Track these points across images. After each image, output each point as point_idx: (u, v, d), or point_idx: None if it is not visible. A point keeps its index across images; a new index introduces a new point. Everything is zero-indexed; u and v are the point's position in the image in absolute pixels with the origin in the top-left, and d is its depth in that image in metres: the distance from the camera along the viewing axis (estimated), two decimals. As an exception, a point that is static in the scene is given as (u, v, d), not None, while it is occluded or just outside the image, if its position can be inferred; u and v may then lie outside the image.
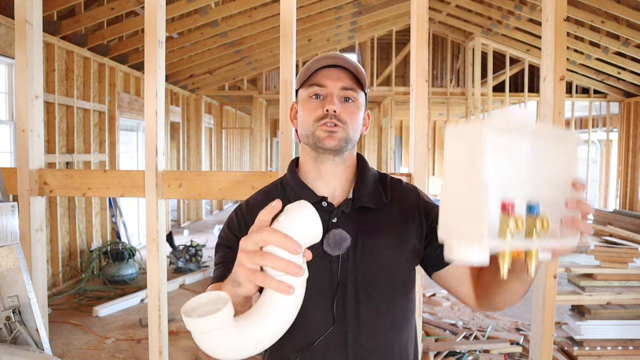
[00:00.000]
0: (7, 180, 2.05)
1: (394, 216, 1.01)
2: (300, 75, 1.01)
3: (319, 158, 1.00)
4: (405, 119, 12.60)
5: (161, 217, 2.10)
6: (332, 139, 0.96)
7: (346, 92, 0.98)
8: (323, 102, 0.97)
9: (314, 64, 0.99)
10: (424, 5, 2.00)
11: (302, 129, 1.01)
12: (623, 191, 8.74)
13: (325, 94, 0.98)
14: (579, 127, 11.04)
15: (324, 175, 1.01)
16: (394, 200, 1.03)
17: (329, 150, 0.97)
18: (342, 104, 0.98)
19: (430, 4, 8.07)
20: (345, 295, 0.94)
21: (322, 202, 0.98)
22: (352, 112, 0.99)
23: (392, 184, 1.07)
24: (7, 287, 1.24)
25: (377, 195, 1.02)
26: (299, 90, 1.04)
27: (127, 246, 5.36)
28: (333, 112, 0.96)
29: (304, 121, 0.99)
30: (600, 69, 8.01)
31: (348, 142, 0.98)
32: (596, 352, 2.86)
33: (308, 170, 1.03)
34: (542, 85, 2.07)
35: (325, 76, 0.98)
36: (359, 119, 1.00)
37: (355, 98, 0.99)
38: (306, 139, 1.00)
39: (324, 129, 0.96)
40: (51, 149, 4.74)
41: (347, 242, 0.93)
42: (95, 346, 3.54)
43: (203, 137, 9.23)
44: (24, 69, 2.05)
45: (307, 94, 0.99)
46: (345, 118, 0.97)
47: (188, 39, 6.26)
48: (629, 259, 2.85)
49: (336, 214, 0.97)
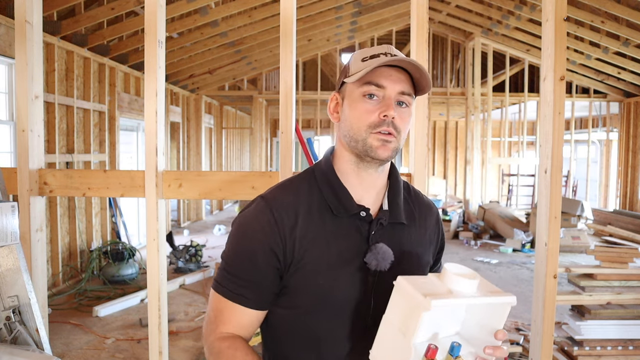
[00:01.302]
0: (7, 180, 2.05)
1: (421, 234, 1.01)
2: (354, 67, 0.91)
3: (362, 164, 0.92)
4: (405, 119, 12.58)
5: (161, 217, 2.10)
6: (386, 149, 0.88)
7: (403, 97, 0.89)
8: (379, 106, 0.88)
9: (372, 61, 0.88)
10: (424, 5, 2.00)
11: (351, 131, 0.91)
12: (623, 191, 8.74)
13: (382, 96, 0.88)
14: (579, 127, 11.05)
15: (364, 182, 0.94)
16: (421, 217, 1.02)
17: (381, 160, 0.90)
18: (397, 108, 0.89)
19: (430, 4, 8.07)
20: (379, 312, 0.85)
21: (361, 212, 0.92)
22: (405, 119, 0.91)
23: (416, 197, 1.06)
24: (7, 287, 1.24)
25: (409, 210, 1.00)
26: (346, 83, 0.93)
27: (127, 246, 5.36)
28: (392, 118, 0.87)
29: (354, 124, 0.90)
30: (600, 69, 8.01)
31: (397, 152, 0.92)
32: (596, 352, 2.86)
33: (347, 172, 0.95)
34: (542, 85, 2.07)
35: (384, 76, 0.88)
36: (409, 127, 0.94)
37: (410, 103, 0.92)
38: (354, 144, 0.90)
39: (378, 138, 0.88)
40: (51, 149, 4.74)
41: (391, 258, 0.90)
42: (95, 346, 3.54)
43: (203, 137, 9.23)
44: (24, 69, 2.05)
45: (361, 92, 0.89)
46: (400, 126, 0.89)
47: (188, 39, 6.26)
48: (629, 259, 2.84)
49: (375, 226, 0.93)
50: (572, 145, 9.77)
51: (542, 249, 2.05)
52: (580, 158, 11.79)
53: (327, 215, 0.92)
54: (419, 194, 1.07)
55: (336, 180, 0.94)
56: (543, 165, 2.05)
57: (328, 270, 0.90)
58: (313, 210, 0.92)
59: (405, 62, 0.87)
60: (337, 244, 0.91)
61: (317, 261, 0.90)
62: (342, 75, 0.95)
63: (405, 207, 0.99)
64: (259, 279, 0.90)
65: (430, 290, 0.73)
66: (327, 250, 0.90)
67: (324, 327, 0.92)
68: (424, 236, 1.01)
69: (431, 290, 0.73)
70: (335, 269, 0.90)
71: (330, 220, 0.92)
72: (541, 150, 2.07)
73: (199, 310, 4.32)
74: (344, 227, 0.92)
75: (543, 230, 2.04)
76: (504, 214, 8.05)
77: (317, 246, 0.90)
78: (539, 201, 2.11)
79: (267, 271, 0.90)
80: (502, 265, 6.29)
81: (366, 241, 0.91)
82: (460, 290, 0.75)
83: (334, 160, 0.97)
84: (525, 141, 9.50)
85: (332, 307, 0.91)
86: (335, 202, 0.92)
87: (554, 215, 2.00)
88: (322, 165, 0.98)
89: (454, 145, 12.87)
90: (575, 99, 8.93)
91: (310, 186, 0.95)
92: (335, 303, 0.91)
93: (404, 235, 0.97)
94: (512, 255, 6.90)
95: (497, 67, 9.83)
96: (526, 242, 7.18)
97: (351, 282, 0.90)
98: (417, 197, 1.05)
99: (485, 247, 7.44)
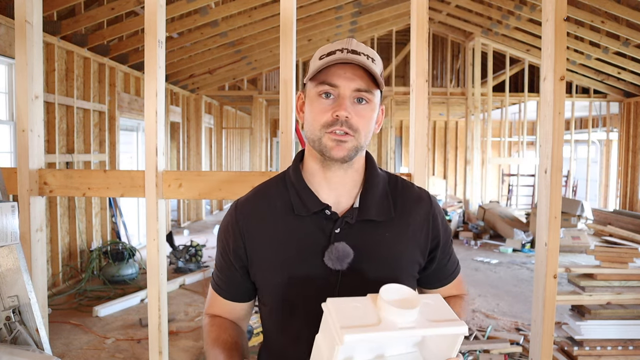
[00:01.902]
0: (7, 180, 2.05)
1: (401, 232, 0.94)
2: (311, 68, 0.91)
3: (326, 164, 0.92)
4: (405, 119, 12.60)
5: (161, 217, 2.10)
6: (341, 149, 0.88)
7: (360, 94, 0.88)
8: (333, 104, 0.88)
9: (326, 59, 0.87)
10: (424, 5, 2.00)
11: (309, 132, 0.92)
12: (623, 191, 8.74)
13: (336, 94, 0.88)
14: (579, 127, 11.05)
15: (330, 181, 0.94)
16: (403, 212, 0.96)
17: (337, 160, 0.89)
18: (355, 105, 0.88)
19: (430, 4, 8.07)
20: None
21: (326, 210, 0.92)
22: (365, 116, 0.89)
23: (403, 190, 0.99)
24: (7, 287, 1.24)
25: (385, 206, 0.94)
26: (306, 83, 0.93)
27: (127, 246, 5.36)
28: (344, 118, 0.86)
29: (311, 123, 0.90)
30: (600, 69, 8.01)
31: (358, 151, 0.90)
32: (596, 352, 2.86)
33: (313, 172, 0.95)
34: (542, 85, 2.07)
35: (337, 74, 0.87)
36: (371, 123, 0.91)
37: (370, 99, 0.89)
38: (312, 143, 0.91)
39: (332, 138, 0.87)
40: (51, 149, 4.74)
41: (349, 258, 0.89)
42: (95, 346, 3.54)
43: (203, 137, 9.23)
44: (24, 69, 2.05)
45: (317, 92, 0.89)
46: (357, 124, 0.88)
47: (188, 39, 6.26)
48: (629, 259, 2.84)
49: (340, 224, 0.91)
50: (572, 145, 9.76)
51: (542, 249, 2.05)
52: (580, 158, 11.79)
53: (290, 215, 0.94)
54: (410, 188, 1.01)
55: (300, 180, 0.95)
56: (543, 165, 2.05)
57: (285, 269, 0.92)
58: (278, 212, 0.95)
59: (356, 59, 0.85)
60: (298, 243, 0.92)
61: (275, 260, 0.93)
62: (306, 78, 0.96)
63: (383, 203, 0.94)
64: (230, 275, 0.99)
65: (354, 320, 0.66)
66: (285, 250, 0.92)
67: (289, 324, 0.93)
68: (404, 233, 0.95)
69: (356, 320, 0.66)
70: (293, 268, 0.92)
71: (294, 221, 0.93)
72: (541, 150, 2.07)
73: (199, 310, 4.32)
74: (307, 226, 0.93)
75: (543, 230, 2.04)
76: (504, 214, 8.05)
77: (276, 246, 0.93)
78: (539, 201, 2.11)
79: (235, 268, 0.97)
80: (502, 265, 6.29)
81: (328, 240, 0.91)
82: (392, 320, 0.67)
83: (304, 161, 0.98)
84: (525, 141, 9.50)
85: (291, 305, 0.93)
86: (298, 201, 0.93)
87: (554, 215, 2.00)
88: (291, 166, 1.00)
89: (454, 145, 12.86)
90: (575, 99, 8.93)
91: (279, 188, 0.98)
92: (294, 301, 0.92)
93: (377, 234, 0.93)
94: (512, 255, 6.89)
95: (497, 67, 9.83)
96: (526, 242, 7.18)
97: (310, 281, 0.91)
98: (404, 191, 0.99)
99: (485, 247, 7.44)
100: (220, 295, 1.01)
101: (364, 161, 0.98)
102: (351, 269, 0.90)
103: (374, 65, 0.88)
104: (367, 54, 0.89)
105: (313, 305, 0.89)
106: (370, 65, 0.87)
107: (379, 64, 0.91)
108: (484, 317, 4.22)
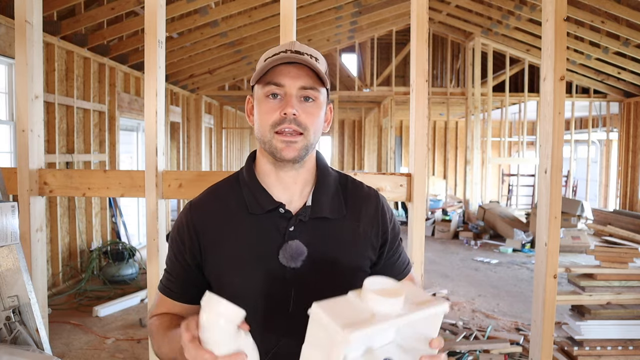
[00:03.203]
0: (7, 180, 2.05)
1: (353, 228, 0.96)
2: (257, 70, 0.92)
3: (277, 164, 0.93)
4: (405, 119, 12.60)
5: (161, 217, 2.10)
6: (291, 150, 0.89)
7: (306, 92, 0.89)
8: (281, 104, 0.89)
9: (270, 61, 0.89)
10: (424, 5, 2.00)
11: (258, 133, 0.93)
12: (623, 191, 8.74)
13: (283, 93, 0.89)
14: (579, 127, 11.05)
15: (282, 180, 0.95)
16: (354, 210, 0.98)
17: (288, 161, 0.90)
18: (302, 104, 0.90)
19: (430, 4, 8.07)
20: (299, 309, 0.86)
21: (280, 208, 0.93)
22: (313, 113, 0.90)
23: (353, 189, 1.01)
24: (7, 287, 1.24)
25: (337, 204, 0.96)
26: (254, 86, 0.94)
27: (127, 246, 5.36)
28: (292, 115, 0.87)
29: (260, 125, 0.91)
30: (600, 69, 8.01)
31: (309, 150, 0.91)
32: (596, 352, 2.86)
33: (266, 172, 0.96)
34: (542, 85, 2.07)
35: (282, 73, 0.89)
36: (319, 121, 0.92)
37: (316, 97, 0.90)
38: (263, 145, 0.92)
39: (281, 139, 0.88)
40: (51, 149, 4.74)
41: (302, 255, 0.90)
42: (96, 346, 3.54)
43: (203, 137, 9.23)
44: (24, 69, 2.05)
45: (264, 93, 0.90)
46: (306, 122, 0.89)
47: (188, 39, 6.26)
48: (629, 259, 2.85)
49: (294, 222, 0.93)
50: (572, 145, 9.77)
51: (542, 249, 2.05)
52: (580, 158, 11.79)
53: (244, 214, 0.94)
54: (359, 186, 1.02)
55: (254, 180, 0.96)
56: (543, 165, 2.05)
57: (237, 267, 0.93)
58: (230, 211, 0.95)
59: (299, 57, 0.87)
60: (252, 242, 0.93)
61: (227, 259, 0.93)
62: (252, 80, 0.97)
63: (335, 201, 0.96)
64: (185, 276, 0.97)
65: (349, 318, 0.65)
66: (238, 249, 0.93)
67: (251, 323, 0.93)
68: (356, 230, 0.96)
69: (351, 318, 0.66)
70: (246, 267, 0.92)
71: (247, 219, 0.94)
72: (541, 150, 2.07)
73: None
74: (261, 225, 0.93)
75: (543, 230, 2.04)
76: (504, 214, 8.05)
77: (228, 245, 0.93)
78: (539, 201, 2.11)
79: (190, 268, 0.96)
80: (502, 265, 6.29)
81: (283, 238, 0.91)
82: (384, 311, 0.68)
83: (257, 161, 0.99)
84: (525, 141, 9.50)
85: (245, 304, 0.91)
86: (252, 200, 0.94)
87: (554, 215, 2.00)
88: (245, 167, 1.01)
89: (454, 145, 12.86)
90: (575, 99, 8.93)
91: (232, 188, 0.99)
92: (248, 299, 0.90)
93: (330, 231, 0.94)
94: (512, 255, 6.90)
95: (497, 67, 9.83)
96: (526, 242, 7.18)
97: (264, 279, 0.91)
98: (354, 189, 1.01)
99: (485, 247, 7.44)
100: (171, 298, 0.99)
101: (315, 160, 0.99)
102: (306, 266, 0.90)
103: (318, 63, 0.90)
104: (310, 53, 0.91)
105: (269, 303, 0.90)
106: (314, 63, 0.89)
107: (323, 63, 0.93)
108: (484, 317, 4.22)
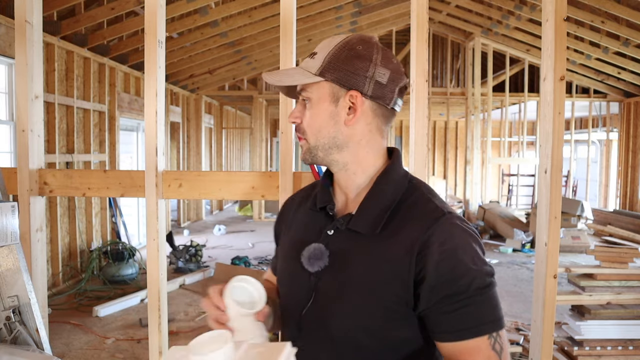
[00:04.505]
0: (7, 180, 2.05)
1: (381, 252, 0.82)
2: None
3: None
4: (405, 119, 12.60)
5: (161, 217, 2.10)
6: (303, 153, 0.92)
7: (300, 95, 0.88)
8: None
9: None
10: (424, 5, 1.99)
11: None
12: (623, 191, 8.73)
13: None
14: (579, 127, 11.05)
15: (338, 182, 0.93)
16: (394, 230, 0.83)
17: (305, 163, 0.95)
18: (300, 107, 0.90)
19: (430, 4, 8.04)
20: (309, 315, 0.87)
21: (327, 208, 0.91)
22: (312, 114, 0.87)
23: (410, 205, 0.85)
24: (7, 287, 1.24)
25: (377, 220, 0.84)
26: None
27: (127, 246, 5.36)
28: (292, 123, 0.91)
29: None
30: (600, 69, 8.01)
31: (314, 151, 0.88)
32: (596, 352, 2.86)
33: None
34: (542, 85, 2.07)
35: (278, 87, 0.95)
36: (318, 120, 0.86)
37: (309, 96, 0.86)
38: None
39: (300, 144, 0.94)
40: (51, 149, 4.74)
41: (321, 262, 0.85)
42: (96, 346, 3.54)
43: (203, 137, 9.23)
44: (24, 69, 2.05)
45: None
46: (304, 126, 0.88)
47: (188, 39, 6.26)
48: (629, 259, 2.84)
49: (333, 226, 0.88)
50: (572, 145, 9.77)
51: (542, 249, 2.05)
52: (580, 158, 11.79)
53: (308, 207, 0.98)
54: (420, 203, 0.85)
55: (325, 180, 0.97)
56: (543, 165, 2.05)
57: (283, 254, 0.99)
58: (304, 203, 1.00)
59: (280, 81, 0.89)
60: (300, 234, 0.95)
61: (283, 244, 1.01)
62: None
63: (379, 215, 0.84)
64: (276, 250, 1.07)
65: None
66: (291, 237, 0.97)
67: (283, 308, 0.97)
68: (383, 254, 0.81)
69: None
70: (289, 257, 0.94)
71: (308, 213, 0.97)
72: (541, 150, 2.07)
73: (199, 310, 4.32)
74: (312, 220, 0.94)
75: (543, 230, 2.04)
76: (504, 214, 8.05)
77: (290, 233, 0.99)
78: (539, 201, 2.11)
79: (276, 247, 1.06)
80: (502, 265, 6.29)
81: (318, 238, 0.89)
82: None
83: None
84: (525, 141, 9.50)
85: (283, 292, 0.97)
86: (317, 196, 0.96)
87: (554, 215, 2.00)
88: None
89: (454, 145, 12.86)
90: (575, 99, 8.93)
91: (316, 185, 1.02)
92: (281, 286, 0.98)
93: (358, 247, 0.84)
94: (512, 255, 6.90)
95: (497, 67, 9.82)
96: (526, 242, 7.18)
97: (290, 273, 0.93)
98: (411, 206, 0.85)
99: (485, 247, 7.44)
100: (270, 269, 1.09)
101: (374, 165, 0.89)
102: (325, 275, 0.85)
103: (307, 60, 0.87)
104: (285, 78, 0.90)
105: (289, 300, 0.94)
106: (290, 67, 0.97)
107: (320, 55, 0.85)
108: (484, 317, 4.21)
